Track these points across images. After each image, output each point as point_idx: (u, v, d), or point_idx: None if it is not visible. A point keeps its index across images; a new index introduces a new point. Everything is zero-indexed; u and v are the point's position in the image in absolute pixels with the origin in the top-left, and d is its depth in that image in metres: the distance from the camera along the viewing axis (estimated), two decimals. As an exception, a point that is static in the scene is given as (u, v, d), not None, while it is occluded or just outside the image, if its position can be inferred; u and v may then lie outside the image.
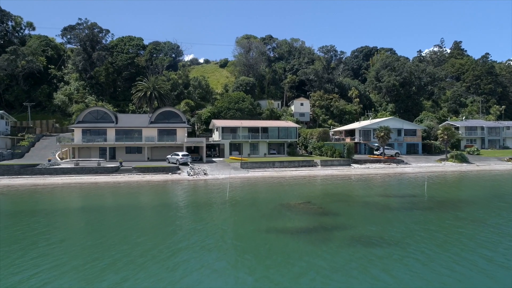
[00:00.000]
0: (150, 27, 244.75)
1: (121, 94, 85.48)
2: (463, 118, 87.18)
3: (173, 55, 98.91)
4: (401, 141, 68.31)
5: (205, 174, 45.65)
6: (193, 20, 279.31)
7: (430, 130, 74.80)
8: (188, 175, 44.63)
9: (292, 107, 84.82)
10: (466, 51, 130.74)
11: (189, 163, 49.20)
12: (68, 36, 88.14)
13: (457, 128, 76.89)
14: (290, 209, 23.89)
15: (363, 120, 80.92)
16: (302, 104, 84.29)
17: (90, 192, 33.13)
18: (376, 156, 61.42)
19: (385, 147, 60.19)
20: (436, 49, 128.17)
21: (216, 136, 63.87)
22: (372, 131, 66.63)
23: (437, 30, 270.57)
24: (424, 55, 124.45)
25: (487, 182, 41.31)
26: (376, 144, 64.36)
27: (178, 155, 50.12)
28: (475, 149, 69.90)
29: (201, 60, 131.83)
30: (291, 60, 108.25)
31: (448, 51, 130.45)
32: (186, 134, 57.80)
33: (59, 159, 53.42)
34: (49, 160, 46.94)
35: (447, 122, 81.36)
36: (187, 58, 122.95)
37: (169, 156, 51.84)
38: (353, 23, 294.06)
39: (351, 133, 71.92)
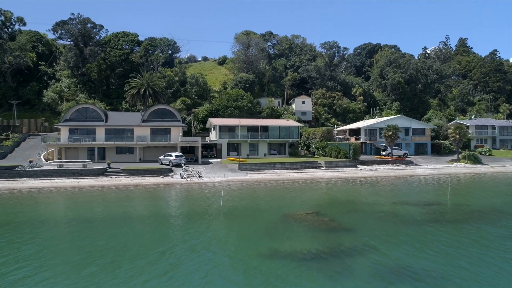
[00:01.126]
0: (147, 24, 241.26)
1: (114, 92, 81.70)
2: (472, 116, 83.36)
3: (170, 52, 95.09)
4: (409, 141, 64.56)
5: (199, 176, 41.99)
6: (191, 17, 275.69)
7: (439, 129, 71.09)
8: (181, 177, 40.99)
9: (293, 105, 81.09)
10: (471, 48, 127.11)
11: (183, 165, 45.51)
12: (60, 32, 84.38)
13: (467, 127, 73.12)
14: (295, 222, 20.04)
15: (368, 119, 77.22)
16: (303, 102, 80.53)
17: (66, 199, 29.47)
18: (383, 156, 57.70)
19: (393, 147, 56.50)
20: (441, 46, 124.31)
21: (213, 136, 60.17)
22: (378, 130, 62.92)
23: (440, 27, 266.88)
24: (429, 52, 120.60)
25: (509, 186, 37.60)
26: (383, 144, 60.62)
27: (171, 156, 46.47)
28: (487, 149, 66.22)
29: (199, 58, 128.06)
30: (292, 57, 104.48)
31: (453, 48, 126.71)
32: (181, 134, 54.13)
33: (44, 160, 49.79)
34: (31, 162, 43.22)
35: (456, 121, 77.59)
36: (185, 55, 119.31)
37: (162, 157, 48.18)
38: (354, 20, 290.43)
39: (356, 132, 68.17)
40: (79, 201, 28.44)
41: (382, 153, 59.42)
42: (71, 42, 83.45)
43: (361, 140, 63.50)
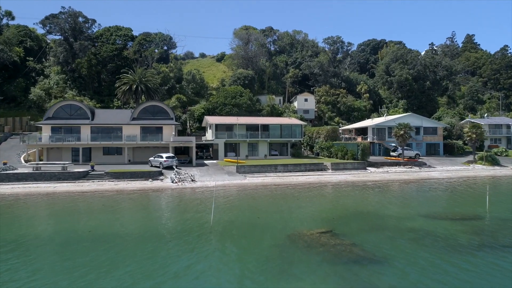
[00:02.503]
0: (142, 20, 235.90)
1: (105, 89, 77.23)
2: (485, 115, 78.84)
3: (165, 47, 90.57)
4: (420, 141, 60.10)
5: (192, 180, 37.66)
6: (189, 13, 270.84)
7: (451, 128, 66.70)
8: (172, 181, 36.69)
9: (295, 103, 76.67)
10: (479, 45, 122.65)
11: (174, 167, 41.12)
12: (49, 26, 79.79)
13: (480, 126, 68.68)
14: (304, 248, 15.38)
15: (375, 117, 72.76)
16: (306, 100, 76.08)
17: (29, 208, 25.09)
18: (393, 158, 53.30)
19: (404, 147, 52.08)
20: (448, 42, 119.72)
21: (209, 135, 55.76)
22: (387, 129, 58.52)
23: (444, 24, 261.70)
24: (436, 48, 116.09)
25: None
26: (393, 144, 56.22)
27: (161, 157, 42.09)
28: (503, 149, 61.94)
29: (197, 55, 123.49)
30: (293, 54, 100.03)
31: (460, 45, 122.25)
32: (174, 133, 49.75)
33: (23, 162, 45.40)
34: (4, 164, 38.83)
35: (468, 119, 73.13)
36: (182, 52, 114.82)
37: (152, 158, 43.78)
38: (357, 17, 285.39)
39: (362, 131, 63.72)
40: (42, 212, 24.05)
41: (392, 153, 55.03)
42: (61, 37, 79.10)
43: (369, 140, 59.08)
